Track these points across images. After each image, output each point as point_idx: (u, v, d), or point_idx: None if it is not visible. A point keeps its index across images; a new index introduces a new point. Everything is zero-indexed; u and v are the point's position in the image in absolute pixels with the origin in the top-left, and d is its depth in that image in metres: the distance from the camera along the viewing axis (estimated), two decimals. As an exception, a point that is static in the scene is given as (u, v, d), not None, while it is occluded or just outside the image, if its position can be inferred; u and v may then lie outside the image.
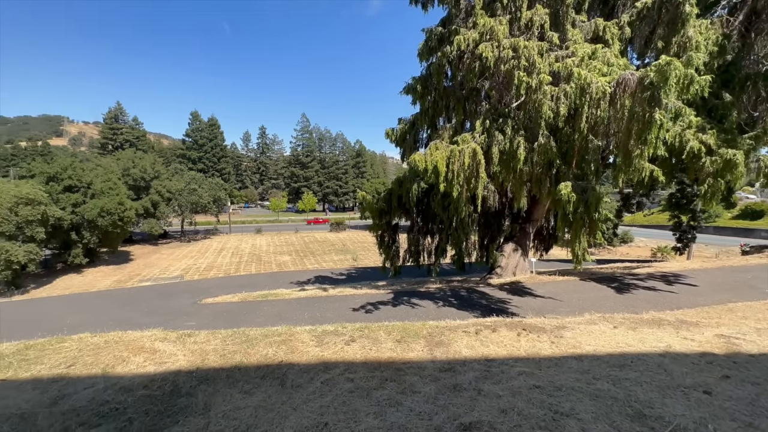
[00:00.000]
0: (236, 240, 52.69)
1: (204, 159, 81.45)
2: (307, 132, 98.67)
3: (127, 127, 78.31)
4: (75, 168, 34.43)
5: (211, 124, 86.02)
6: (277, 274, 20.84)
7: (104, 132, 77.64)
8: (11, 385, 3.99)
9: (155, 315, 9.67)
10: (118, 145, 72.62)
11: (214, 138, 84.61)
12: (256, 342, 5.16)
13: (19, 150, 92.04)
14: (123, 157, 45.24)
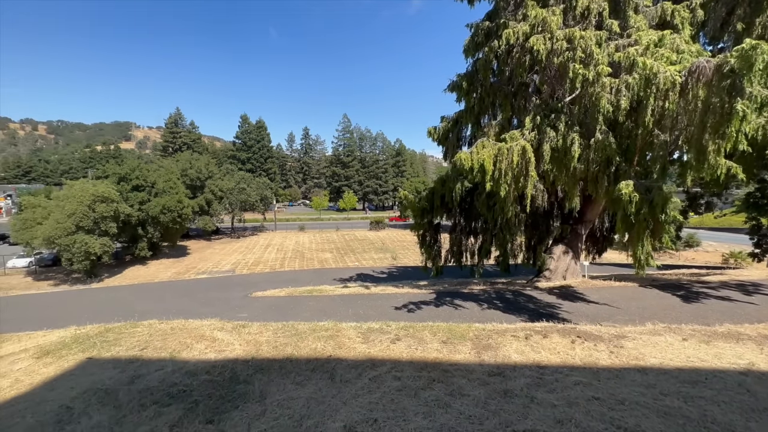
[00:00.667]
0: (281, 237, 55.02)
1: (252, 160, 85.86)
2: (348, 132, 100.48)
3: (185, 131, 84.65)
4: (141, 169, 37.81)
5: (259, 126, 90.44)
6: (320, 271, 21.46)
7: (165, 136, 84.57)
8: (96, 363, 4.48)
9: (211, 306, 10.32)
10: (177, 147, 78.76)
11: (261, 139, 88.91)
12: (305, 336, 5.35)
13: (96, 153, 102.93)
14: (181, 159, 48.93)
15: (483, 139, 7.86)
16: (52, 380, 4.05)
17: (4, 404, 3.55)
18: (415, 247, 48.88)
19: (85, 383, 3.94)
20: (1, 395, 3.71)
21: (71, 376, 4.14)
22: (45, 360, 4.56)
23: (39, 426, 3.16)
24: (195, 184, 46.00)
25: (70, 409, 3.40)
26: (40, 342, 5.85)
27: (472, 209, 12.95)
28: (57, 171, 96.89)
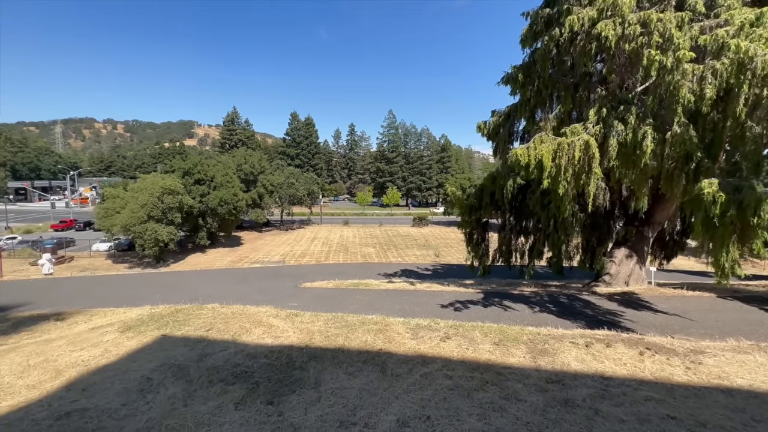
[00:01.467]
0: (326, 230, 56.72)
1: (300, 156, 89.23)
2: (393, 128, 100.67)
3: (240, 129, 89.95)
4: (202, 164, 40.84)
5: (308, 123, 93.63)
6: (364, 265, 21.80)
7: (223, 133, 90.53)
8: (169, 340, 4.92)
9: (264, 293, 10.86)
10: (233, 144, 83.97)
11: (309, 136, 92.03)
12: (355, 328, 5.45)
13: (164, 150, 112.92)
14: (237, 155, 52.13)
15: (541, 134, 7.43)
16: (134, 352, 4.51)
17: (98, 370, 4.02)
18: (458, 245, 47.94)
19: (161, 357, 4.33)
20: (95, 362, 4.21)
21: (149, 351, 4.58)
22: (128, 334, 5.10)
23: (125, 392, 3.53)
24: (249, 178, 48.79)
25: (150, 380, 3.76)
26: (122, 318, 6.55)
27: (524, 207, 12.37)
28: (132, 165, 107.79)
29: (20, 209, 67.73)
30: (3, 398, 3.50)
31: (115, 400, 3.41)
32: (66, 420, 3.10)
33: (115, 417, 3.14)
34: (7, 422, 3.08)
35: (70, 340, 5.04)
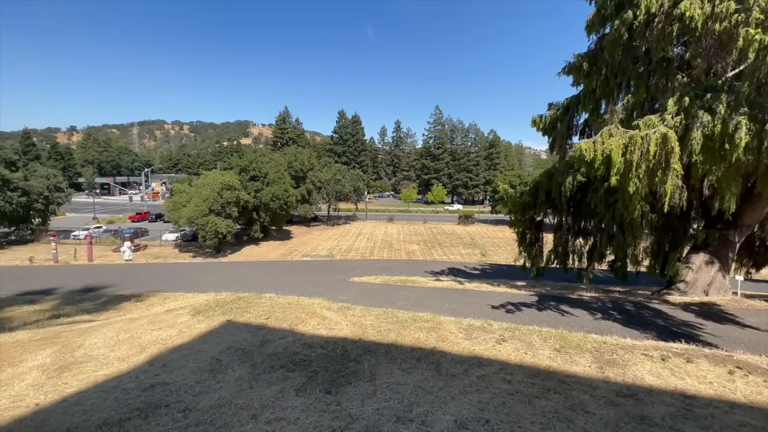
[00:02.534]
0: (371, 227, 57.46)
1: (347, 153, 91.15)
2: (440, 124, 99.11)
3: (291, 127, 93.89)
4: (257, 162, 43.24)
5: (354, 121, 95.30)
6: (410, 262, 21.76)
7: (275, 132, 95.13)
8: (234, 325, 5.27)
9: (315, 286, 11.22)
10: (284, 142, 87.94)
11: (356, 134, 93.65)
12: (407, 325, 5.44)
13: (223, 148, 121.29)
14: (288, 153, 54.52)
15: (610, 127, 6.83)
16: (204, 335, 4.88)
17: (175, 349, 4.41)
18: (507, 245, 46.16)
19: (227, 341, 4.64)
20: (172, 342, 4.62)
21: (217, 334, 4.93)
22: (198, 317, 5.54)
23: (199, 371, 3.83)
24: (298, 175, 50.80)
25: (219, 361, 4.05)
26: (192, 302, 7.13)
27: (584, 206, 11.56)
28: (196, 163, 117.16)
29: (104, 202, 76.44)
30: (100, 368, 3.96)
31: (190, 377, 3.71)
32: (150, 391, 3.43)
33: (191, 392, 3.42)
34: (104, 389, 3.49)
35: (150, 320, 5.59)
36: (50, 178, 41.50)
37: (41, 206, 40.04)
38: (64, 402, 3.29)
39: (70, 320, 6.94)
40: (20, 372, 3.90)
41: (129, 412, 3.10)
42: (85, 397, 3.37)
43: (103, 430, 2.86)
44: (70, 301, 8.63)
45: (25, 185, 37.83)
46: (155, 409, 3.15)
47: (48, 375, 3.81)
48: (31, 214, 39.66)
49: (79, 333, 5.11)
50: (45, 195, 39.97)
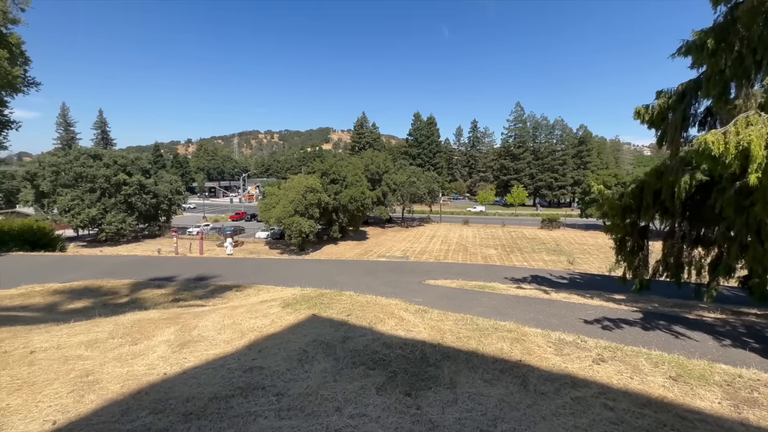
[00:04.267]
0: (445, 229, 56.53)
1: (422, 155, 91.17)
2: (521, 121, 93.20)
3: (368, 132, 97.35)
4: (336, 165, 45.77)
5: (429, 122, 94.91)
6: (487, 267, 20.81)
7: (353, 137, 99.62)
8: (318, 320, 5.60)
9: (390, 286, 11.36)
10: (361, 146, 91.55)
11: (431, 135, 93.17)
12: (488, 333, 5.18)
13: (306, 154, 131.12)
14: (365, 156, 56.61)
15: (747, 114, 5.60)
16: (292, 327, 5.27)
17: (269, 337, 4.85)
18: (599, 252, 41.45)
19: (312, 334, 4.95)
20: (266, 330, 5.10)
21: (303, 327, 5.28)
22: (287, 310, 6.02)
23: (289, 360, 4.14)
24: (374, 177, 52.35)
25: (306, 353, 4.32)
26: (281, 295, 7.80)
27: (705, 210, 9.74)
28: (284, 168, 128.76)
29: (211, 203, 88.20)
30: (210, 348, 4.54)
31: (281, 364, 4.04)
32: (250, 374, 3.81)
33: (282, 379, 3.71)
34: (213, 367, 3.98)
35: (248, 309, 6.25)
36: (172, 183, 49.38)
37: (166, 206, 47.82)
38: (184, 374, 3.84)
39: (186, 304, 8.11)
40: (152, 345, 4.67)
41: (233, 389, 3.48)
42: (200, 372, 3.89)
43: (213, 402, 3.26)
44: (186, 287, 10.07)
45: (155, 189, 45.60)
46: (254, 390, 3.49)
47: (172, 349, 4.50)
48: (159, 213, 47.64)
49: (194, 316, 5.95)
50: (169, 197, 47.69)
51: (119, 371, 3.93)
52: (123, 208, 41.85)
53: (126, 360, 4.22)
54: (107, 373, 3.88)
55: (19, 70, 14.54)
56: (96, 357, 4.31)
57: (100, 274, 11.50)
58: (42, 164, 42.38)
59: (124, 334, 5.03)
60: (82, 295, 9.11)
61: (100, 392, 3.50)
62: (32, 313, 7.25)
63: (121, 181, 41.54)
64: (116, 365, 4.08)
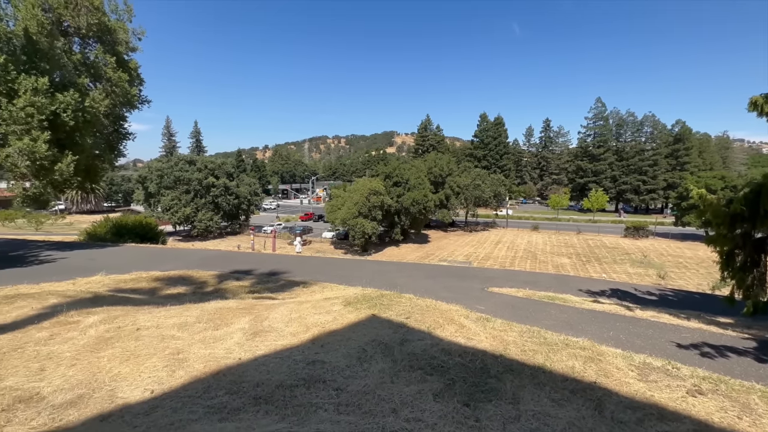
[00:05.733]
0: (512, 235, 53.62)
1: (488, 157, 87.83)
2: (601, 118, 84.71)
3: (432, 134, 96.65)
4: (399, 168, 46.20)
5: (497, 123, 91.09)
6: (558, 277, 19.27)
7: (417, 140, 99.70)
8: (377, 320, 5.70)
9: (451, 291, 11.12)
10: (425, 149, 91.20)
11: (498, 136, 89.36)
12: (557, 349, 4.78)
13: (371, 157, 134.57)
14: (428, 159, 56.29)
15: None
16: (353, 325, 5.44)
17: (331, 333, 5.07)
18: (697, 266, 36.05)
19: (371, 334, 5.04)
20: (329, 326, 5.33)
21: (363, 326, 5.42)
22: (348, 308, 6.23)
23: (348, 357, 4.28)
24: (437, 180, 51.77)
25: (365, 351, 4.42)
26: (343, 293, 8.09)
27: None
28: (349, 171, 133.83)
29: (284, 204, 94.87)
30: (278, 339, 4.89)
31: (342, 360, 4.18)
32: (312, 366, 4.02)
33: (342, 375, 3.84)
34: (281, 357, 4.28)
35: (313, 305, 6.60)
36: (251, 186, 54.30)
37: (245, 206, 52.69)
38: (255, 361, 4.18)
39: (260, 296, 8.84)
40: (230, 331, 5.17)
41: (297, 380, 3.70)
42: (269, 360, 4.20)
43: (279, 390, 3.50)
44: (260, 281, 10.97)
45: (237, 191, 50.51)
46: (315, 382, 3.67)
47: (246, 337, 4.93)
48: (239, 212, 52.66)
49: (265, 308, 6.45)
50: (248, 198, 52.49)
51: (203, 352, 4.43)
52: (211, 208, 47.17)
53: (209, 343, 4.74)
54: (193, 353, 4.39)
55: (135, 90, 17.24)
56: (185, 338, 4.90)
57: (192, 266, 13.08)
58: (150, 169, 49.73)
59: (208, 319, 5.65)
60: (177, 283, 10.45)
61: (187, 369, 3.97)
62: (139, 296, 8.51)
63: (210, 184, 46.91)
64: (201, 347, 4.60)
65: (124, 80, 16.10)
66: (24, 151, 12.00)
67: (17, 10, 13.45)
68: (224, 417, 3.07)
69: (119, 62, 16.37)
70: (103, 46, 16.13)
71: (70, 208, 72.48)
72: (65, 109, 13.04)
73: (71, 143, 14.22)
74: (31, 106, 12.05)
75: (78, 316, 5.75)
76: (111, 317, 5.70)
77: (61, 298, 6.90)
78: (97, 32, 15.71)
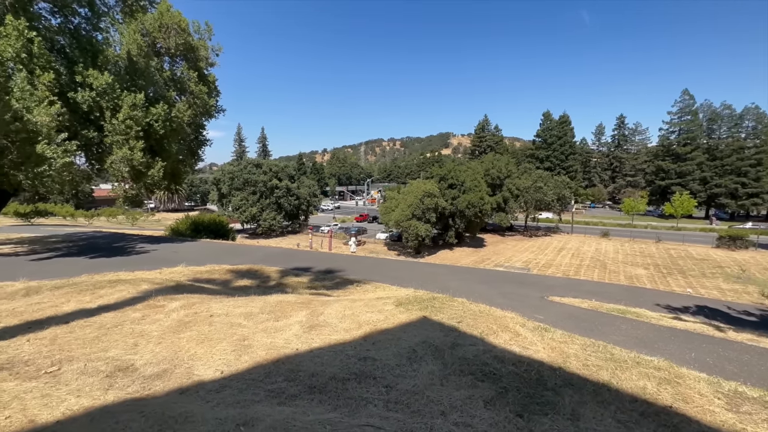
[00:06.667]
0: (577, 241, 49.72)
1: (551, 157, 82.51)
2: (689, 113, 74.98)
3: (490, 135, 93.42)
4: (455, 170, 45.34)
5: (562, 121, 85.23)
6: (631, 289, 17.47)
7: (474, 141, 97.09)
8: (428, 322, 5.68)
9: (507, 298, 10.68)
10: (482, 150, 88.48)
11: (563, 135, 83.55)
12: (626, 367, 4.37)
13: (425, 159, 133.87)
14: (485, 160, 54.47)
15: None
16: (404, 325, 5.49)
17: (382, 332, 5.18)
18: (820, 286, 30.27)
19: (422, 335, 5.05)
20: (380, 325, 5.45)
21: (414, 327, 5.44)
22: (399, 308, 6.29)
23: (399, 356, 4.34)
24: (495, 182, 49.90)
25: (415, 352, 4.45)
26: (395, 294, 8.19)
27: None
28: (404, 173, 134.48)
29: (340, 205, 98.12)
30: (332, 333, 5.11)
31: (392, 359, 4.25)
32: (363, 362, 4.14)
33: (392, 373, 3.91)
34: (334, 351, 4.48)
35: (365, 303, 6.78)
36: (311, 187, 57.09)
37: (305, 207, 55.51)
38: (311, 353, 4.43)
39: (316, 292, 9.29)
40: (289, 323, 5.52)
41: (349, 374, 3.85)
42: (323, 353, 4.42)
43: (332, 382, 3.67)
44: (317, 278, 11.51)
45: (298, 192, 53.43)
46: (366, 378, 3.79)
47: (303, 330, 5.23)
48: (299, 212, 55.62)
49: (321, 303, 6.78)
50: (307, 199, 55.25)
51: (265, 340, 4.79)
52: (274, 208, 50.56)
53: (270, 332, 5.11)
54: (257, 341, 4.77)
55: (213, 100, 19.16)
56: (250, 326, 5.35)
57: (257, 261, 14.16)
58: (223, 172, 54.75)
59: (270, 311, 6.09)
60: (245, 276, 11.39)
61: (251, 354, 4.34)
62: (213, 286, 9.44)
63: (274, 186, 50.33)
64: (263, 335, 4.98)
65: (204, 92, 17.98)
66: (124, 158, 13.96)
67: (122, 36, 15.73)
68: (282, 401, 3.31)
69: (200, 76, 18.33)
70: (187, 63, 18.20)
71: (158, 207, 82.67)
72: (157, 120, 14.93)
73: (161, 150, 16.22)
74: (130, 119, 13.99)
75: (164, 301, 6.57)
76: (189, 303, 6.41)
77: (151, 284, 7.92)
78: (183, 51, 17.77)
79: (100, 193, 71.12)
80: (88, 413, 2.98)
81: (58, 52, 14.29)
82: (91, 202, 67.50)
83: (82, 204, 63.82)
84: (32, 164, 11.30)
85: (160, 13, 16.68)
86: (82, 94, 13.27)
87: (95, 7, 14.99)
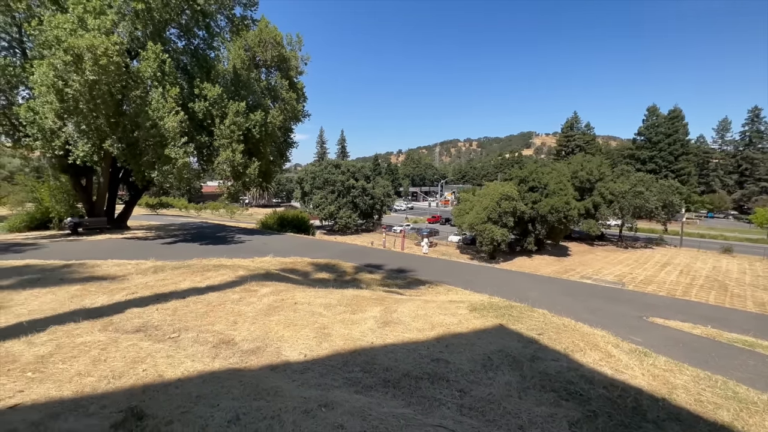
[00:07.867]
0: (688, 256, 42.48)
1: (656, 158, 71.86)
2: None
3: (579, 134, 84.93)
4: (537, 172, 42.23)
5: (672, 117, 73.61)
6: (764, 318, 14.38)
7: (560, 140, 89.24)
8: (505, 331, 5.42)
9: (595, 314, 9.65)
10: (569, 150, 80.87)
11: (673, 133, 72.12)
12: (756, 410, 3.63)
13: (504, 160, 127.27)
14: (573, 161, 49.67)
15: None
16: (478, 331, 5.32)
17: (455, 335, 5.10)
18: None
19: (498, 344, 4.84)
20: (453, 328, 5.37)
21: (489, 334, 5.24)
22: (474, 314, 6.12)
23: (473, 362, 4.22)
24: (584, 186, 45.31)
25: (491, 360, 4.29)
26: (469, 299, 7.97)
27: None
28: (480, 174, 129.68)
29: (413, 206, 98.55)
30: (405, 332, 5.19)
31: (465, 364, 4.16)
32: (436, 364, 4.13)
33: (466, 378, 3.83)
34: (407, 349, 4.55)
35: (438, 305, 6.73)
36: (385, 188, 58.43)
37: (379, 207, 57.05)
38: (385, 348, 4.56)
39: (389, 290, 9.50)
40: (364, 317, 5.75)
41: (422, 373, 3.87)
42: (396, 349, 4.52)
43: (405, 378, 3.74)
44: (389, 276, 11.76)
45: (373, 192, 55.16)
46: (439, 379, 3.77)
47: (378, 325, 5.41)
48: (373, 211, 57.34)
49: (394, 301, 6.92)
50: (381, 199, 56.70)
51: (342, 331, 5.07)
52: (350, 206, 52.95)
53: (347, 324, 5.39)
54: (335, 331, 5.08)
55: (300, 106, 20.88)
56: (329, 316, 5.70)
57: (335, 256, 15.00)
58: (306, 172, 59.13)
59: (347, 304, 6.42)
60: (324, 269, 12.17)
61: (330, 342, 4.63)
62: (296, 276, 10.29)
63: (350, 185, 52.72)
64: (341, 326, 5.27)
65: (293, 99, 19.67)
66: (227, 159, 15.99)
67: (230, 52, 18.03)
68: (359, 390, 3.47)
69: (290, 84, 20.11)
70: (280, 72, 20.11)
71: (251, 202, 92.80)
72: (255, 125, 16.78)
73: (257, 152, 18.20)
74: (234, 124, 15.96)
75: (256, 286, 7.36)
76: (277, 290, 7.08)
77: (246, 271, 8.93)
78: (277, 62, 19.67)
79: (207, 189, 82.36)
80: (200, 375, 3.50)
81: (182, 69, 16.97)
82: (200, 197, 78.70)
83: (193, 198, 74.82)
84: (162, 164, 13.63)
85: (260, 30, 18.71)
86: (198, 104, 15.57)
87: (210, 29, 17.45)
